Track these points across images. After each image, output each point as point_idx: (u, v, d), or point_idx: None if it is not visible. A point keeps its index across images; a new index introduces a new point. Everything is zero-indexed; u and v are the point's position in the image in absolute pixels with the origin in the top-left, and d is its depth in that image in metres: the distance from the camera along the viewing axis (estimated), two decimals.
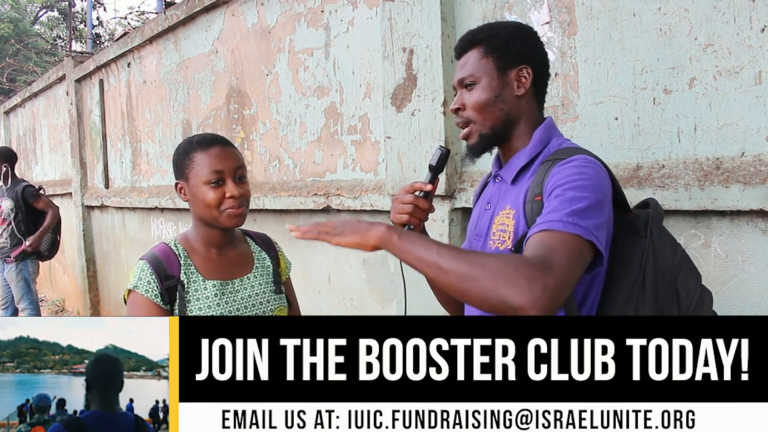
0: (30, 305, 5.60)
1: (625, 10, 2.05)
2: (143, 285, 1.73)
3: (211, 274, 1.81)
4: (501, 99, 1.49)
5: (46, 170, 9.37)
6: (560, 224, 1.25)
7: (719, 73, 1.86)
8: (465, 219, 2.68)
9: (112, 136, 6.61)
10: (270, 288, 1.90)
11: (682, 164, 1.93)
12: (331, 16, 3.38)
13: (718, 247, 1.89)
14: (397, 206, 1.58)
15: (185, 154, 1.81)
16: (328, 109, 3.47)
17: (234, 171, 1.78)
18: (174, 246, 1.82)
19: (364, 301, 3.33)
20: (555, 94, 2.28)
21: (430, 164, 1.58)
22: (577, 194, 1.29)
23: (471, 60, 1.52)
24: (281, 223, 3.84)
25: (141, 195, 5.78)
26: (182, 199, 1.85)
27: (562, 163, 1.37)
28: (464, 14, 2.61)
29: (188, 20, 4.78)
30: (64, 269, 8.73)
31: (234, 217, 1.77)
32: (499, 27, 1.54)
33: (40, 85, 8.92)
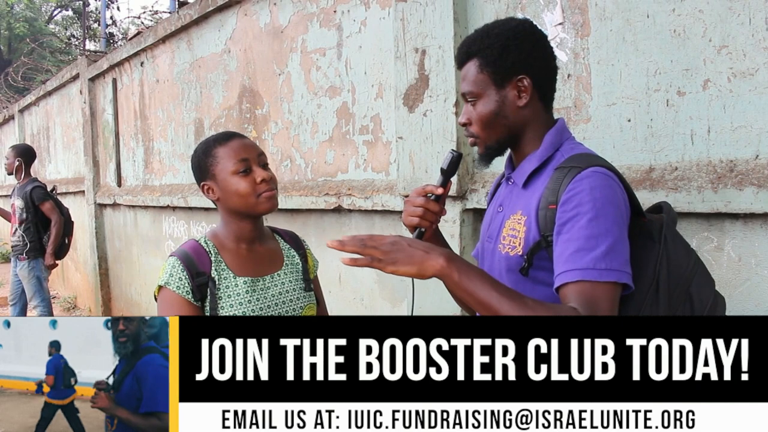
0: (42, 303, 5.64)
1: (639, 11, 2.04)
2: (175, 281, 1.73)
3: (241, 271, 1.81)
4: (503, 113, 1.48)
5: (59, 168, 9.43)
6: (595, 273, 1.27)
7: (734, 75, 1.84)
8: (477, 220, 2.68)
9: (125, 135, 6.64)
10: (300, 285, 1.91)
11: (696, 166, 1.92)
12: (344, 16, 3.38)
13: (731, 250, 1.88)
14: (409, 209, 1.58)
15: (206, 153, 1.83)
16: (339, 109, 3.47)
17: (258, 158, 1.81)
18: (204, 243, 1.82)
19: (375, 301, 3.33)
20: (567, 95, 2.27)
21: (441, 167, 1.58)
22: (602, 228, 1.29)
23: (469, 74, 1.50)
24: (293, 222, 3.84)
25: (153, 193, 5.81)
26: (211, 198, 1.85)
27: (578, 179, 1.35)
28: (477, 15, 2.60)
29: (201, 20, 4.80)
30: (76, 267, 8.78)
31: (269, 200, 1.79)
32: (493, 36, 1.48)
33: (54, 83, 8.98)
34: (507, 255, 1.46)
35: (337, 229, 3.55)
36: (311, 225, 3.75)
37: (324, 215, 3.63)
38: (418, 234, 1.59)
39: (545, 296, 1.40)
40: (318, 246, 3.65)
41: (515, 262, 1.44)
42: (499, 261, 1.49)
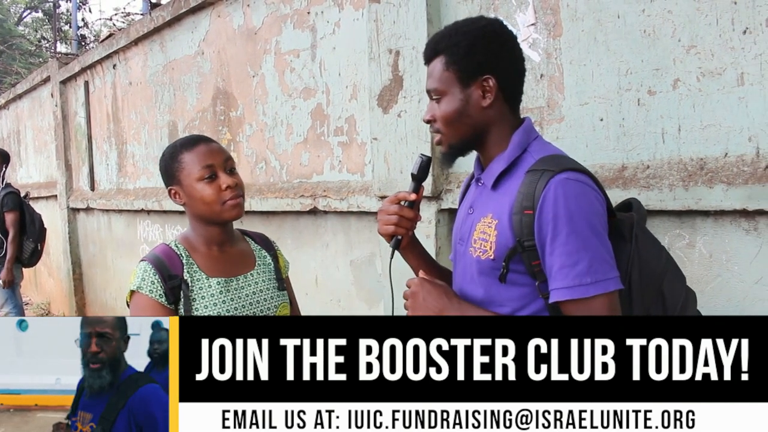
0: (14, 309, 5.54)
1: (610, 11, 2.07)
2: (147, 285, 1.72)
3: (214, 272, 1.80)
4: (466, 113, 1.46)
5: (31, 172, 9.29)
6: (582, 289, 1.29)
7: (702, 75, 1.87)
8: (451, 220, 2.69)
9: (98, 138, 6.56)
10: (273, 285, 1.90)
11: (667, 165, 1.95)
12: (318, 18, 3.38)
13: (702, 246, 1.91)
14: (383, 218, 1.58)
15: (173, 158, 1.81)
16: (314, 110, 3.46)
17: (224, 163, 1.79)
18: (175, 246, 1.81)
19: (352, 303, 3.32)
20: (540, 95, 2.29)
21: (412, 173, 1.58)
22: (581, 242, 1.30)
23: (435, 71, 1.48)
24: (268, 224, 3.83)
25: (127, 197, 5.75)
26: (178, 203, 1.83)
27: (553, 186, 1.33)
28: (450, 16, 2.61)
29: (174, 22, 4.76)
30: (49, 272, 8.66)
31: (234, 208, 1.77)
32: (461, 34, 1.47)
33: (25, 86, 8.85)
34: (478, 258, 1.45)
35: (313, 231, 3.55)
36: (287, 227, 3.74)
37: (300, 217, 3.62)
38: (395, 242, 1.59)
39: (517, 296, 1.41)
40: (294, 248, 3.64)
41: (486, 265, 1.43)
42: (470, 264, 1.49)
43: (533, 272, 1.38)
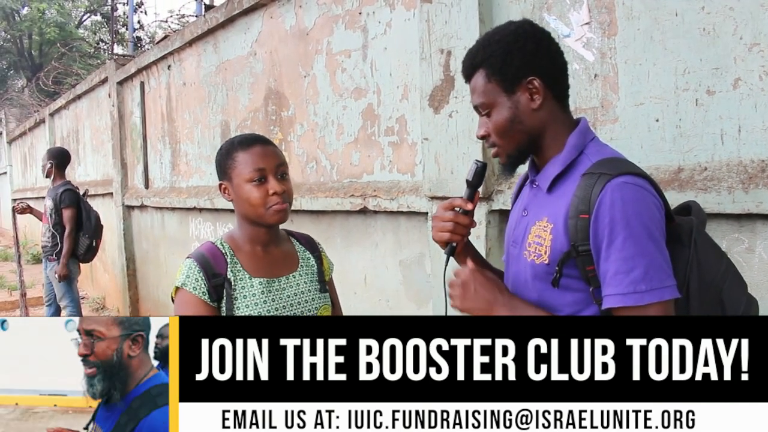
0: (71, 303, 5.70)
1: (667, 9, 2.02)
2: (191, 282, 1.75)
3: (257, 272, 1.82)
4: (518, 119, 1.43)
5: (88, 171, 9.56)
6: (636, 297, 1.27)
7: (765, 74, 1.81)
8: (502, 221, 2.67)
9: (152, 138, 6.72)
10: (315, 287, 1.91)
11: (726, 166, 1.89)
12: (369, 18, 3.39)
13: (762, 251, 1.85)
14: (438, 224, 1.57)
15: (227, 154, 1.84)
16: (365, 110, 3.48)
17: (276, 168, 1.80)
18: (220, 245, 1.84)
19: (400, 302, 3.33)
20: (594, 95, 2.25)
21: (467, 179, 1.56)
22: (638, 248, 1.28)
23: (478, 85, 1.47)
24: (318, 224, 3.86)
25: (180, 195, 5.87)
26: (226, 199, 1.87)
27: (609, 189, 1.30)
28: (502, 15, 2.59)
29: (227, 23, 4.84)
30: (104, 268, 8.90)
31: (278, 213, 1.78)
32: (494, 43, 1.45)
33: (84, 87, 9.12)
34: (533, 263, 1.43)
35: (363, 231, 3.56)
36: (336, 226, 3.76)
37: (349, 216, 3.64)
38: (450, 249, 1.58)
39: (571, 301, 1.39)
40: (344, 247, 3.66)
41: (541, 270, 1.41)
42: (525, 268, 1.47)
43: (587, 278, 1.35)
